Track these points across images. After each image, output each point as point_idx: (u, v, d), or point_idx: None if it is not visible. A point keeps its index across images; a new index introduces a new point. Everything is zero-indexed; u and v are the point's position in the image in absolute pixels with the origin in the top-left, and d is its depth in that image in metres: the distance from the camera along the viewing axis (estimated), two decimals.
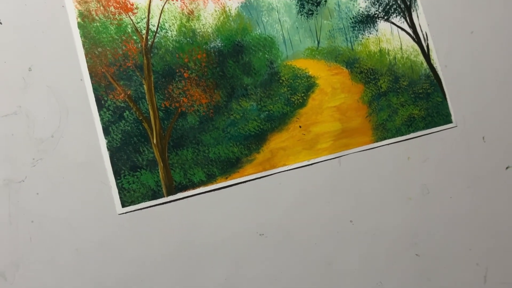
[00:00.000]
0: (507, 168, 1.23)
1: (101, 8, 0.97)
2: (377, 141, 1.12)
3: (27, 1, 0.94)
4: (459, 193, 1.17)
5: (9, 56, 0.92)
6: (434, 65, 1.20)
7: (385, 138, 1.13)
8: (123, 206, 0.94)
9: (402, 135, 1.15)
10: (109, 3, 0.98)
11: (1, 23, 0.92)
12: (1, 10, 0.92)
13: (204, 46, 1.03)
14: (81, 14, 0.96)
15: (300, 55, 1.10)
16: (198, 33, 1.03)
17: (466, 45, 1.24)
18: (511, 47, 1.28)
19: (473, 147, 1.20)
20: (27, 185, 0.90)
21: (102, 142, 0.94)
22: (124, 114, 0.96)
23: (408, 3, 1.20)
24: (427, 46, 1.20)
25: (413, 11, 1.20)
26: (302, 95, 1.09)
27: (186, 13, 1.03)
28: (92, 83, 0.95)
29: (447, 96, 1.20)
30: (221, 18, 1.05)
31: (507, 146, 1.24)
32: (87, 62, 0.95)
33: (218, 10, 1.05)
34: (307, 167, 1.07)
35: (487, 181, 1.20)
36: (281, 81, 1.08)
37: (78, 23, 0.96)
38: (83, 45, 0.96)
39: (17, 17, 0.93)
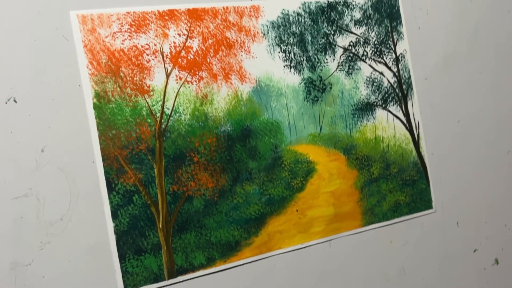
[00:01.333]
0: (474, 251, 1.34)
1: (118, 89, 0.98)
2: (365, 225, 1.20)
3: (44, 78, 0.93)
4: (431, 274, 1.27)
5: (22, 136, 0.91)
6: (422, 153, 1.28)
7: (372, 223, 1.21)
8: None
9: (388, 219, 1.22)
10: (126, 85, 0.98)
11: (15, 102, 0.91)
12: (17, 87, 0.91)
13: (214, 130, 1.05)
14: (97, 95, 0.96)
15: (303, 141, 1.15)
16: (210, 117, 1.05)
17: (453, 134, 1.33)
18: (490, 136, 1.38)
19: (448, 231, 1.30)
20: (34, 268, 0.91)
21: (110, 225, 0.96)
22: (133, 198, 0.98)
23: (405, 92, 1.27)
24: (418, 134, 1.28)
25: (409, 99, 1.27)
26: (302, 179, 1.14)
27: (200, 97, 1.04)
28: (104, 165, 0.96)
29: (431, 183, 1.28)
30: (233, 102, 1.08)
31: (476, 230, 1.34)
32: (100, 144, 0.96)
33: (231, 94, 1.07)
34: (300, 250, 1.13)
35: (456, 264, 1.31)
36: (283, 165, 1.12)
37: (94, 103, 0.96)
38: (98, 127, 0.96)
39: (33, 96, 0.92)
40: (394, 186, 1.24)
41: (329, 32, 1.18)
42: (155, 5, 1.02)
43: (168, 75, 1.02)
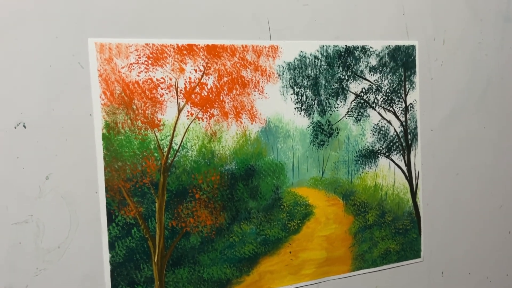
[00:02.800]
0: None
1: (129, 121, 0.97)
2: (353, 271, 1.22)
3: (55, 105, 0.92)
4: None
5: (28, 162, 0.90)
6: (418, 203, 1.30)
7: (361, 268, 1.23)
8: None
9: (376, 266, 1.25)
10: (137, 117, 0.98)
11: (25, 127, 0.90)
12: (27, 113, 0.90)
13: (219, 168, 1.06)
14: (107, 125, 0.96)
15: (304, 184, 1.16)
16: (217, 154, 1.05)
17: (450, 186, 1.35)
18: (485, 190, 1.40)
19: (432, 280, 1.33)
20: None
21: (106, 256, 0.97)
22: (132, 230, 0.99)
23: (410, 142, 1.28)
24: (416, 184, 1.29)
25: (412, 150, 1.28)
26: (298, 222, 1.16)
27: (209, 134, 1.04)
28: (106, 197, 0.96)
29: (422, 233, 1.31)
30: (241, 141, 1.08)
31: (460, 281, 1.38)
32: (105, 175, 0.96)
33: (240, 133, 1.08)
34: None
35: None
36: (282, 206, 1.13)
37: (103, 134, 0.95)
38: (104, 158, 0.96)
39: (42, 122, 0.91)
40: (387, 234, 1.26)
41: (343, 77, 1.18)
42: (175, 38, 1.01)
43: (180, 111, 1.01)
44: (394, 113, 1.25)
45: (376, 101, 1.23)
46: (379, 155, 1.24)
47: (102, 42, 0.95)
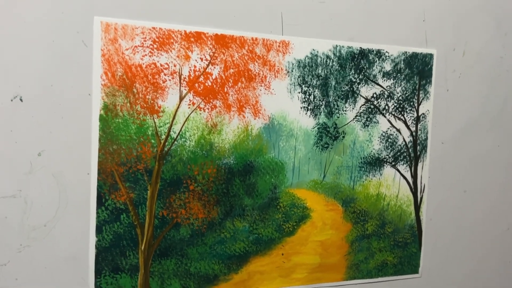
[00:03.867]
0: None
1: (128, 104, 0.95)
2: (347, 280, 1.18)
3: (54, 82, 0.90)
4: None
5: (22, 137, 0.89)
6: (421, 217, 1.25)
7: (355, 278, 1.19)
8: None
9: (371, 277, 1.21)
10: (137, 101, 0.96)
11: (21, 101, 0.89)
12: (25, 86, 0.89)
13: (217, 161, 1.03)
14: (105, 107, 0.94)
15: (304, 185, 1.12)
16: (215, 147, 1.03)
17: (456, 203, 1.30)
18: (493, 210, 1.35)
19: None
20: (8, 269, 0.90)
21: (92, 239, 0.95)
22: (121, 216, 0.97)
23: (418, 153, 1.23)
24: (421, 198, 1.25)
25: (420, 161, 1.24)
26: (294, 224, 1.12)
27: (210, 125, 1.02)
28: (98, 179, 0.94)
29: (422, 248, 1.26)
30: (242, 136, 1.05)
31: None
32: (99, 157, 0.94)
33: (241, 128, 1.05)
34: None
35: None
36: (278, 207, 1.10)
37: (101, 115, 0.94)
38: (100, 139, 0.94)
39: (40, 98, 0.90)
40: (385, 246, 1.22)
41: (354, 80, 1.14)
42: (183, 24, 0.98)
43: (181, 99, 0.99)
44: (405, 122, 1.21)
45: (387, 107, 1.19)
46: (385, 164, 1.20)
47: (108, 21, 0.93)
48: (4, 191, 0.89)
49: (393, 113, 1.20)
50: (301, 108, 1.10)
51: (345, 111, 1.14)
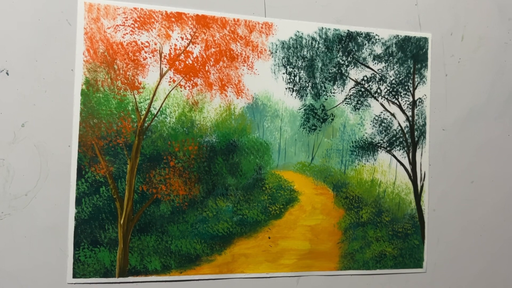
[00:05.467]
0: None
1: (109, 80, 0.99)
2: (341, 270, 1.13)
3: (39, 57, 0.96)
4: None
5: (6, 108, 0.94)
6: (423, 207, 1.19)
7: (350, 268, 1.13)
8: (74, 277, 0.97)
9: (368, 269, 1.14)
10: (118, 77, 0.99)
11: (7, 74, 0.94)
12: (11, 61, 0.94)
13: (198, 139, 1.04)
14: (87, 82, 0.98)
15: (291, 167, 1.10)
16: (197, 125, 1.04)
17: (463, 193, 1.22)
18: (507, 205, 1.26)
19: None
20: None
21: (72, 211, 0.97)
22: (100, 189, 0.98)
23: (416, 139, 1.19)
24: (421, 186, 1.19)
25: (419, 148, 1.19)
26: (281, 207, 1.10)
27: (191, 103, 1.03)
28: (78, 151, 0.97)
29: (426, 241, 1.19)
30: (224, 114, 1.05)
31: None
32: (79, 130, 0.97)
33: (223, 106, 1.05)
34: (264, 279, 1.08)
35: None
36: (264, 188, 1.08)
37: (82, 90, 0.97)
38: (81, 113, 0.97)
39: (25, 71, 0.95)
40: (383, 235, 1.16)
41: (343, 62, 1.13)
42: (164, 5, 1.02)
43: (162, 76, 1.02)
44: (400, 106, 1.18)
45: (379, 91, 1.16)
46: (379, 149, 1.16)
47: (92, 2, 0.98)
48: None
49: (386, 96, 1.17)
50: (286, 89, 1.10)
51: (334, 93, 1.13)
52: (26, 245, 0.95)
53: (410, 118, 1.18)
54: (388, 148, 1.17)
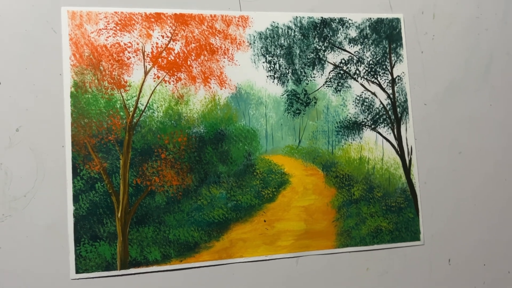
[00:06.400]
0: None
1: (96, 81, 1.03)
2: (338, 247, 1.15)
3: (28, 65, 1.01)
4: None
5: (1, 115, 0.99)
6: (413, 180, 1.21)
7: (347, 246, 1.15)
8: (77, 272, 0.99)
9: (366, 245, 1.16)
10: (104, 78, 1.04)
11: (0, 83, 0.99)
12: (2, 71, 0.99)
13: (186, 130, 1.08)
14: (75, 84, 1.02)
15: (279, 151, 1.13)
16: (184, 117, 1.08)
17: (451, 165, 1.25)
18: (496, 173, 1.28)
19: (437, 268, 1.21)
20: None
21: (70, 208, 1.00)
22: (96, 185, 1.02)
23: (399, 115, 1.22)
24: (410, 160, 1.22)
25: (403, 123, 1.22)
26: (273, 190, 1.13)
27: (176, 97, 1.08)
28: (72, 151, 1.01)
29: (420, 214, 1.21)
30: (209, 105, 1.10)
31: (472, 272, 1.24)
32: (72, 130, 1.01)
33: (208, 98, 1.10)
34: (264, 262, 1.10)
35: None
36: (255, 173, 1.12)
37: (71, 92, 1.02)
38: (72, 114, 1.02)
39: (16, 80, 1.00)
40: (377, 211, 1.18)
41: (319, 47, 1.18)
42: (143, 7, 1.08)
43: (146, 73, 1.06)
44: (379, 85, 1.22)
45: (358, 72, 1.20)
46: (364, 127, 1.20)
47: (74, 10, 1.04)
48: None
49: (365, 77, 1.21)
50: (267, 76, 1.14)
51: (314, 77, 1.17)
52: (28, 245, 0.98)
53: (391, 96, 1.22)
54: (372, 126, 1.20)
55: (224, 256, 1.08)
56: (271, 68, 1.15)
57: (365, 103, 1.20)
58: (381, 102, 1.21)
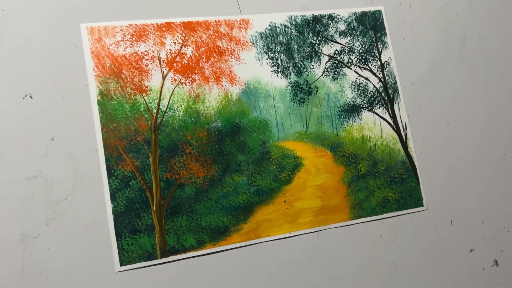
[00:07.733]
0: (471, 250, 1.35)
1: (119, 88, 1.12)
2: (353, 219, 1.25)
3: (56, 79, 1.09)
4: (425, 271, 1.30)
5: (36, 127, 1.06)
6: (411, 153, 1.34)
7: (360, 217, 1.26)
8: (121, 264, 1.07)
9: (376, 214, 1.28)
10: (127, 85, 1.13)
11: (31, 98, 1.07)
12: (33, 86, 1.07)
13: (206, 126, 1.17)
14: (101, 93, 1.11)
15: (290, 138, 1.24)
16: (202, 114, 1.18)
17: (442, 136, 1.38)
18: (483, 140, 1.42)
19: (441, 230, 1.33)
20: (40, 241, 1.03)
21: (109, 206, 1.08)
22: (130, 183, 1.10)
23: (392, 96, 1.35)
24: (405, 135, 1.35)
25: (395, 103, 1.35)
26: (289, 173, 1.23)
27: (193, 96, 1.18)
28: (105, 154, 1.09)
29: (420, 182, 1.33)
30: (223, 102, 1.20)
31: (472, 230, 1.36)
32: (102, 135, 1.10)
33: (221, 95, 1.20)
34: (288, 239, 1.20)
35: (451, 262, 1.32)
36: (271, 159, 1.22)
37: (98, 100, 1.11)
38: (101, 120, 1.10)
39: (46, 93, 1.08)
40: (382, 183, 1.30)
41: (314, 41, 1.30)
42: (154, 18, 1.18)
43: (164, 77, 1.16)
44: (371, 71, 1.35)
45: (350, 60, 1.33)
46: (362, 109, 1.32)
47: (92, 26, 1.13)
48: (27, 173, 1.04)
49: (357, 64, 1.34)
50: (271, 71, 1.26)
51: (313, 69, 1.29)
52: (73, 244, 1.05)
53: (382, 79, 1.35)
54: (369, 108, 1.33)
55: (252, 236, 1.17)
56: (274, 63, 1.26)
57: (360, 88, 1.33)
58: (374, 86, 1.34)
